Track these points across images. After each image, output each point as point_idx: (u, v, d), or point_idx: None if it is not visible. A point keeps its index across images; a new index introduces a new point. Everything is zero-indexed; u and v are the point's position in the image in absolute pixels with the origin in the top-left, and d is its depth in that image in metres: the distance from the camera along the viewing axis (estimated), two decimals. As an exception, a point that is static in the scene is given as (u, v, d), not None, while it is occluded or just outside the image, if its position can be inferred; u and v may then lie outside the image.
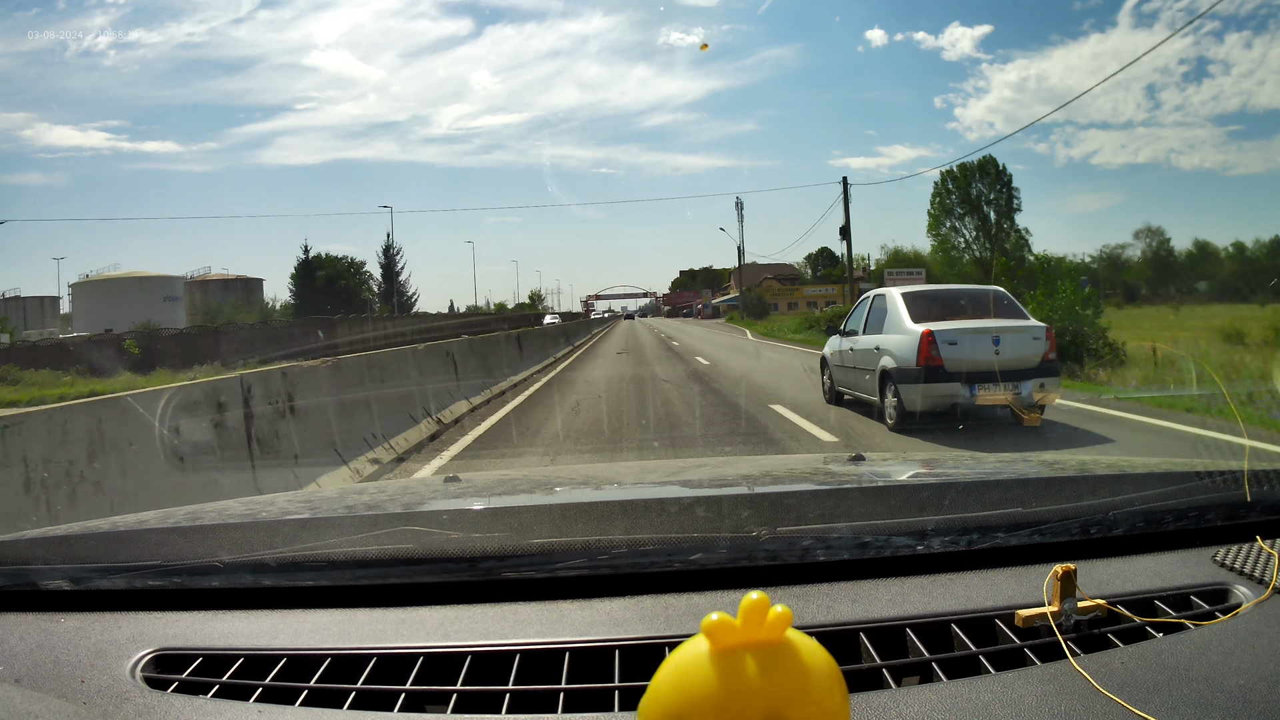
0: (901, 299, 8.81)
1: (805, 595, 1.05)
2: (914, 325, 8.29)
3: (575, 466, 5.40)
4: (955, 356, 7.92)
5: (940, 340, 7.96)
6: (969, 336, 8.07)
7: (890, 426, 8.30)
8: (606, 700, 0.88)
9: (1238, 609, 1.00)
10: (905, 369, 8.13)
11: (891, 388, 8.33)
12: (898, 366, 8.26)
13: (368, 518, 1.44)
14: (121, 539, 1.34)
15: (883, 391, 8.57)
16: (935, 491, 1.50)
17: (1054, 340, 8.48)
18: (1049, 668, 0.89)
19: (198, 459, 5.26)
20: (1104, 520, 1.18)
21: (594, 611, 1.04)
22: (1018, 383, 7.90)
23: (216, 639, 1.02)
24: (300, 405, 6.59)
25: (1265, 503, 1.22)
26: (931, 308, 8.70)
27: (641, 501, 1.48)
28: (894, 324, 8.66)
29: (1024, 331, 8.27)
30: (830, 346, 10.80)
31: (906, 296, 8.88)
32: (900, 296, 8.89)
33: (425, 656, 0.95)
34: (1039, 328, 8.40)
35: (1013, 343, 8.07)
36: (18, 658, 0.99)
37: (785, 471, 1.96)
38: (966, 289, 10.49)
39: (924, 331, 8.03)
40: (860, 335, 9.45)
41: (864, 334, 9.36)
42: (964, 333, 8.10)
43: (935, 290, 9.60)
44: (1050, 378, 8.16)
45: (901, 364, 8.21)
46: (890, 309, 8.87)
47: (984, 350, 7.98)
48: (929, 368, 7.92)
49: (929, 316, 8.43)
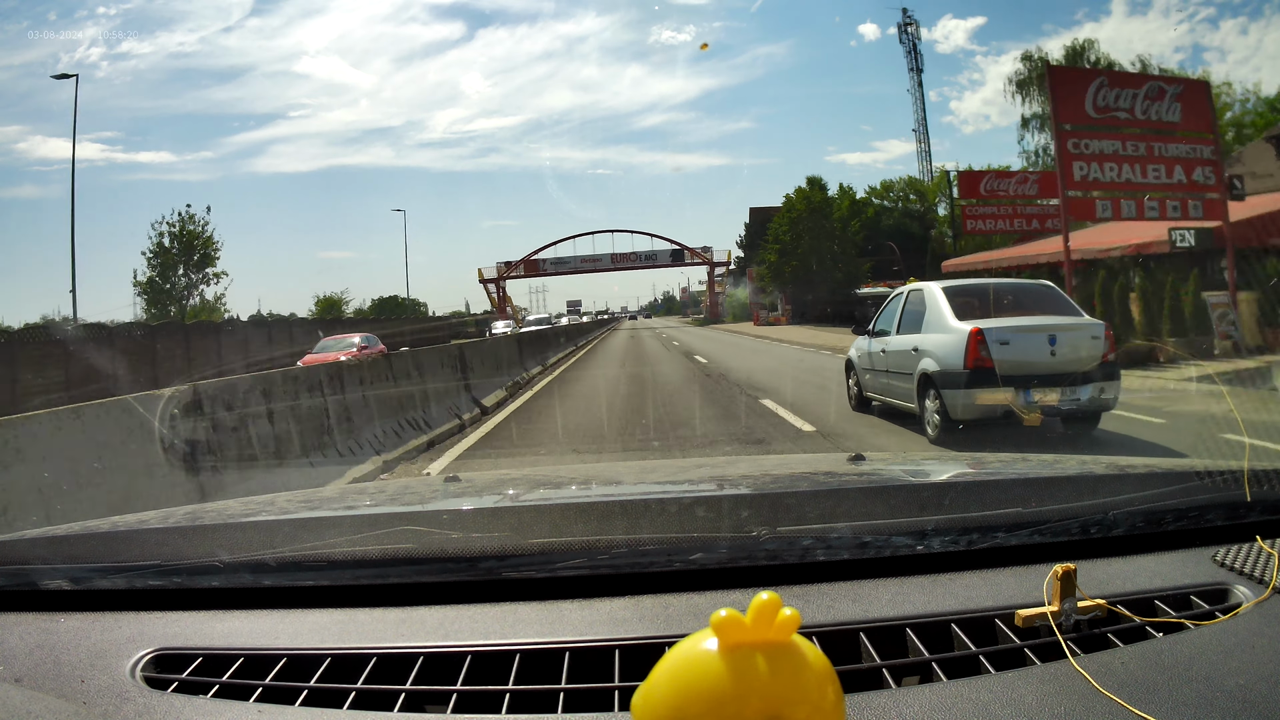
0: (942, 294, 7.90)
1: (805, 595, 1.05)
2: (959, 323, 7.35)
3: (575, 466, 5.40)
4: (1007, 358, 7.01)
5: (990, 340, 7.03)
6: (1022, 335, 7.16)
7: (931, 438, 7.38)
8: (606, 700, 0.88)
9: (1238, 609, 1.00)
10: (949, 372, 7.18)
11: (932, 393, 7.38)
12: (940, 370, 7.29)
13: (368, 517, 1.45)
14: (121, 539, 1.34)
15: (921, 398, 7.62)
16: (935, 491, 1.50)
17: (1113, 339, 7.58)
18: (1049, 668, 0.89)
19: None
20: (1104, 520, 1.18)
21: (594, 611, 1.04)
22: (1076, 387, 7.01)
23: (216, 639, 1.02)
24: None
25: (1265, 503, 1.22)
26: (975, 304, 7.78)
27: (641, 501, 1.48)
28: (935, 322, 7.72)
29: (1082, 330, 7.38)
30: (857, 348, 9.76)
31: (948, 291, 7.97)
32: (940, 291, 7.97)
33: (425, 656, 0.95)
34: (1097, 325, 7.53)
35: (1070, 342, 7.18)
36: (18, 658, 0.99)
37: (785, 471, 1.96)
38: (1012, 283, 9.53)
39: (972, 330, 7.10)
40: (893, 335, 8.49)
41: (897, 334, 8.40)
42: (1017, 331, 7.18)
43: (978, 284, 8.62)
44: (1110, 381, 7.23)
45: (945, 367, 7.25)
46: (929, 306, 7.91)
47: (1039, 351, 7.09)
48: (977, 371, 6.99)
49: (974, 313, 7.52)
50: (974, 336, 7.08)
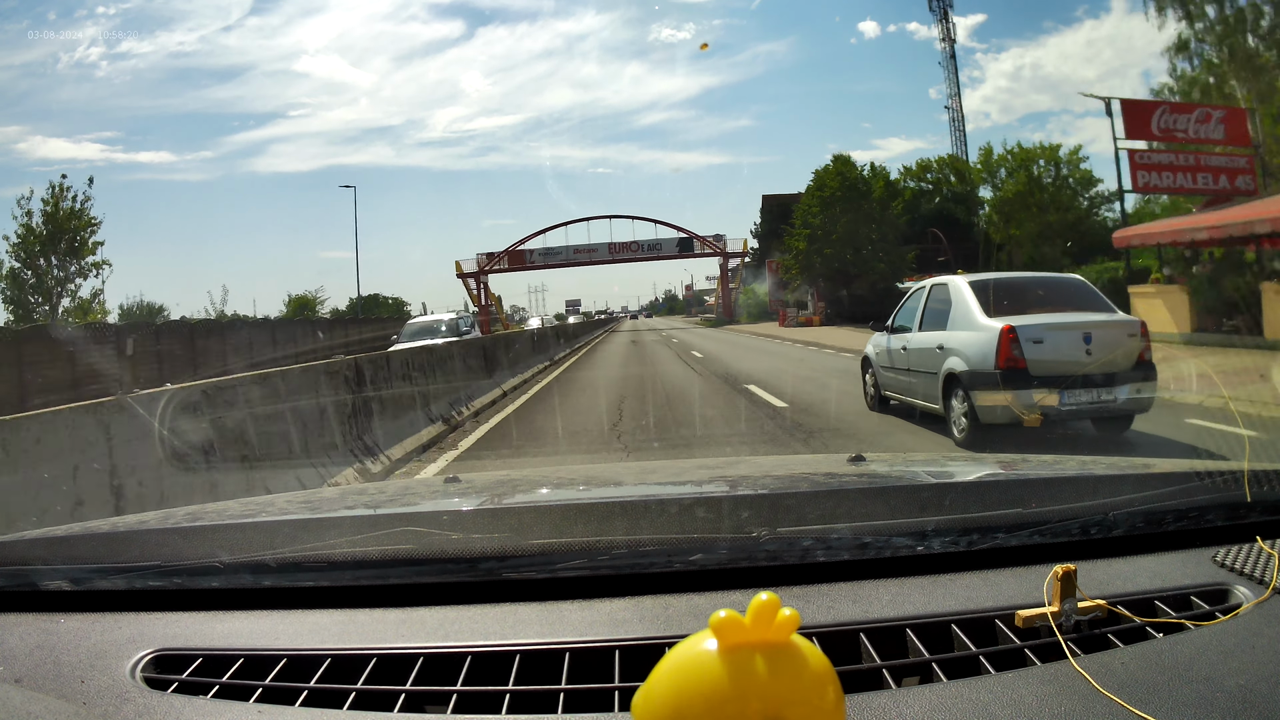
0: (969, 288, 7.54)
1: (805, 596, 1.05)
2: (988, 320, 7.04)
3: (576, 467, 5.40)
4: (1041, 357, 6.69)
5: (1023, 338, 6.70)
6: (1056, 333, 6.85)
7: (958, 440, 7.10)
8: (606, 701, 0.88)
9: (1238, 609, 1.00)
10: (979, 372, 6.87)
11: (960, 395, 7.06)
12: (969, 370, 6.98)
13: (368, 518, 1.45)
14: (121, 539, 1.34)
15: (947, 399, 7.31)
16: (935, 492, 1.49)
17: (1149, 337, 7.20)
18: (1049, 668, 0.89)
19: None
20: (1104, 520, 1.18)
21: (594, 612, 1.04)
22: (1113, 387, 6.70)
23: (216, 639, 1.02)
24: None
25: (1265, 503, 1.22)
26: (1004, 299, 7.36)
27: (641, 502, 1.48)
28: (961, 319, 7.42)
29: (1118, 327, 7.05)
30: (874, 345, 9.36)
31: (975, 285, 7.60)
32: (967, 286, 7.63)
33: (425, 657, 0.95)
34: (1133, 322, 7.23)
35: (1105, 340, 6.84)
36: (18, 658, 0.99)
37: (785, 472, 1.96)
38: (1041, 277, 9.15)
39: (1003, 327, 6.76)
40: (914, 332, 8.16)
41: (919, 330, 8.07)
42: (1050, 328, 6.86)
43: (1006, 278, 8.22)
44: (1148, 381, 6.90)
45: (974, 366, 6.94)
46: (955, 301, 7.61)
47: (1074, 349, 6.76)
48: (1009, 371, 6.67)
49: (1003, 310, 7.14)
50: (1006, 334, 6.73)
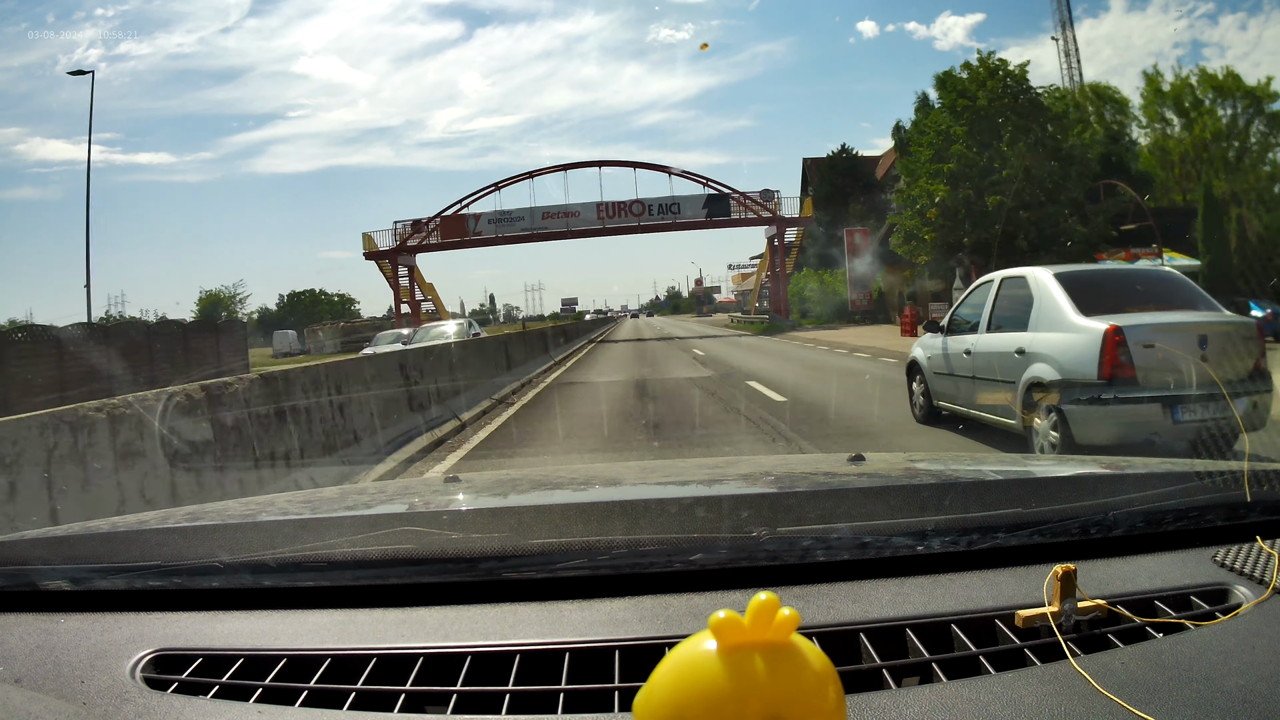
0: (1056, 282, 6.29)
1: (805, 595, 1.05)
2: (1085, 320, 5.81)
3: (576, 466, 5.41)
4: (1152, 365, 5.49)
5: (1132, 341, 5.50)
6: (1169, 335, 5.68)
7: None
8: (606, 701, 0.88)
9: (1238, 609, 1.00)
10: (1077, 382, 5.71)
11: (1047, 408, 5.92)
12: (1063, 378, 5.78)
13: (368, 518, 1.45)
14: (121, 539, 1.34)
15: (1031, 413, 6.14)
16: (935, 491, 1.49)
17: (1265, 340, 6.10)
18: (1049, 668, 0.89)
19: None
20: (1104, 520, 1.18)
21: (594, 612, 1.04)
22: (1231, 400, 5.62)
23: (216, 639, 1.02)
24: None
25: (1265, 503, 1.22)
26: (1099, 295, 6.19)
27: (641, 502, 1.48)
28: (1047, 318, 6.19)
29: (1234, 329, 5.92)
30: (924, 348, 8.00)
31: (1064, 279, 6.34)
32: (1054, 279, 6.35)
33: (425, 657, 0.95)
34: (1248, 324, 6.16)
35: (1222, 344, 5.73)
36: (18, 658, 0.99)
37: (785, 472, 1.96)
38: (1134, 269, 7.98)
39: (1108, 329, 5.55)
40: (982, 334, 6.97)
41: (988, 331, 6.89)
42: (1162, 330, 5.69)
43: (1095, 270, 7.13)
44: (1265, 394, 5.71)
45: (1070, 375, 5.75)
46: (1039, 296, 6.35)
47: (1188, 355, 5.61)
48: (1117, 380, 5.50)
49: (1100, 307, 5.93)
50: (1111, 337, 5.54)
